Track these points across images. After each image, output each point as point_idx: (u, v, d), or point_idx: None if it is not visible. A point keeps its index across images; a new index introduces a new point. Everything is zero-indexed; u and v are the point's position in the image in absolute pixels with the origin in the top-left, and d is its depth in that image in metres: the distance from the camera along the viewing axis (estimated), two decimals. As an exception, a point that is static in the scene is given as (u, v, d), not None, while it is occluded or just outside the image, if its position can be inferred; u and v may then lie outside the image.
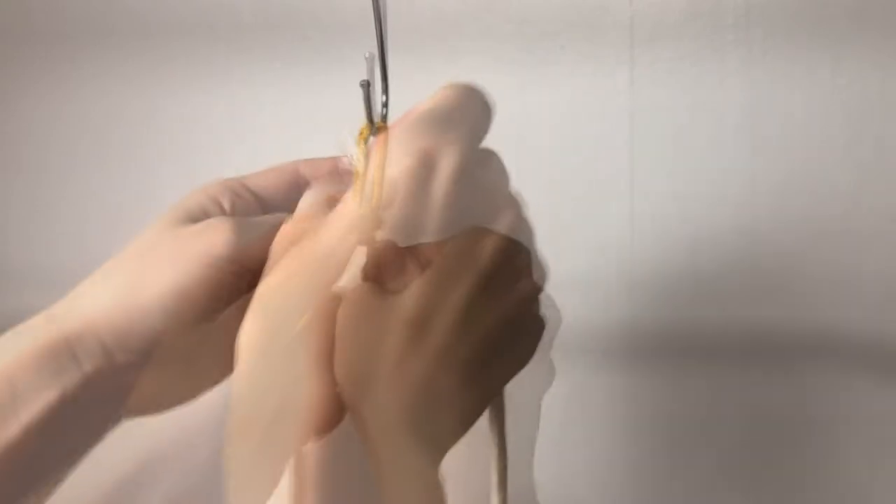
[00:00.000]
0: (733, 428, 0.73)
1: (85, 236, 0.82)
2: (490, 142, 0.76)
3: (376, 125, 0.41)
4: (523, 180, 0.77)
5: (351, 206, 0.34)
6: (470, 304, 0.32)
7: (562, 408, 0.75)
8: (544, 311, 0.37)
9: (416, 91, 0.81)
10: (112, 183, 0.82)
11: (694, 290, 0.73)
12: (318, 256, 0.33)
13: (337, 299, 0.32)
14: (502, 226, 0.35)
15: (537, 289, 0.37)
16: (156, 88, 0.81)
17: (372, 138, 0.41)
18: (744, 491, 0.73)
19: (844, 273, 0.71)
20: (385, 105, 0.41)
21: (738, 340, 0.73)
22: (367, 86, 0.39)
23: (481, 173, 0.36)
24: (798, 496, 0.73)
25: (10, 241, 0.84)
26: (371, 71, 0.40)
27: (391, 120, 0.42)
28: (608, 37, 0.73)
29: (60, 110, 0.83)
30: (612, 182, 0.74)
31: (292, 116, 0.78)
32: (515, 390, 0.37)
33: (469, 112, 0.37)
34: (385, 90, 0.42)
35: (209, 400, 0.37)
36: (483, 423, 0.38)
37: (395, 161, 0.34)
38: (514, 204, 0.37)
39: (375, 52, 0.42)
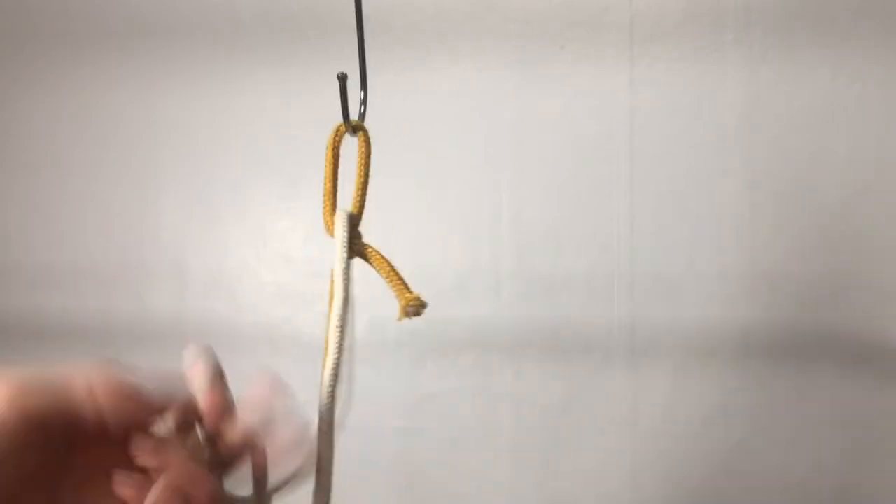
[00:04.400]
0: (734, 427, 0.73)
1: (85, 236, 0.82)
2: (490, 141, 0.76)
3: (353, 123, 0.40)
4: (524, 180, 0.78)
5: None
6: None
7: (562, 408, 0.75)
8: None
9: (416, 89, 0.81)
10: (112, 183, 0.82)
11: (694, 290, 0.73)
12: None
13: None
14: None
15: None
16: (155, 88, 0.81)
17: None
18: (744, 490, 0.73)
19: (844, 273, 0.71)
20: (363, 102, 0.41)
21: (737, 340, 0.73)
22: (344, 79, 0.39)
23: None
24: (798, 495, 0.73)
25: (10, 241, 0.84)
26: (343, 90, 0.39)
27: (378, 119, 0.41)
28: (608, 37, 0.73)
29: (60, 110, 0.83)
30: (612, 182, 0.74)
31: (292, 116, 0.78)
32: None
33: None
34: (363, 87, 0.41)
35: None
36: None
37: None
38: None
39: (357, 66, 0.41)
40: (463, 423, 0.76)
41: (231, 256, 0.79)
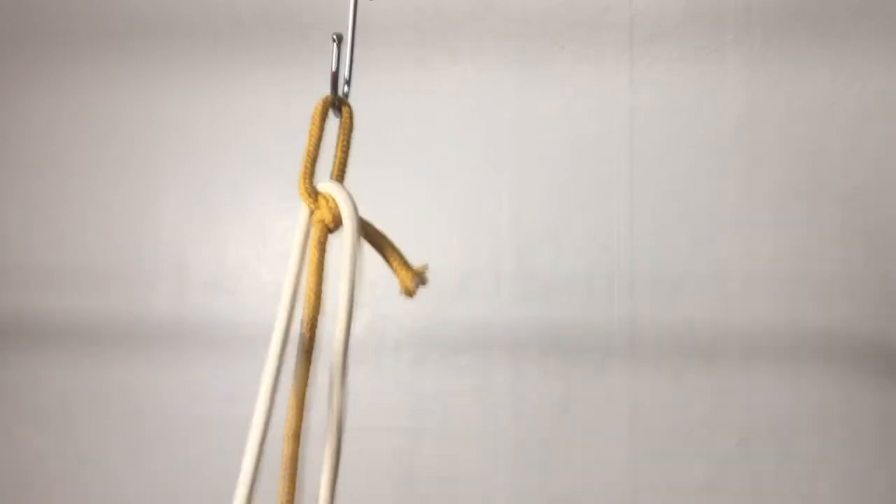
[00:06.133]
0: (733, 427, 0.73)
1: (85, 236, 0.82)
2: (490, 141, 0.76)
3: (339, 99, 0.40)
4: (524, 180, 0.78)
5: None
6: None
7: (562, 408, 0.75)
8: None
9: (416, 89, 0.81)
10: (112, 183, 0.82)
11: (694, 290, 0.73)
12: None
13: None
14: None
15: None
16: (155, 88, 0.81)
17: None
18: (744, 490, 0.73)
19: (844, 273, 0.71)
20: (348, 83, 0.41)
21: (737, 340, 0.73)
22: (339, 40, 0.39)
23: None
24: (797, 495, 0.73)
25: (10, 241, 0.84)
26: (340, 51, 0.39)
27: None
28: (608, 37, 0.73)
29: (60, 110, 0.83)
30: (612, 182, 0.74)
31: (292, 116, 0.78)
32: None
33: None
34: (349, 69, 0.42)
35: None
36: None
37: None
38: None
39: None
40: (463, 423, 0.76)
41: (231, 256, 0.79)
